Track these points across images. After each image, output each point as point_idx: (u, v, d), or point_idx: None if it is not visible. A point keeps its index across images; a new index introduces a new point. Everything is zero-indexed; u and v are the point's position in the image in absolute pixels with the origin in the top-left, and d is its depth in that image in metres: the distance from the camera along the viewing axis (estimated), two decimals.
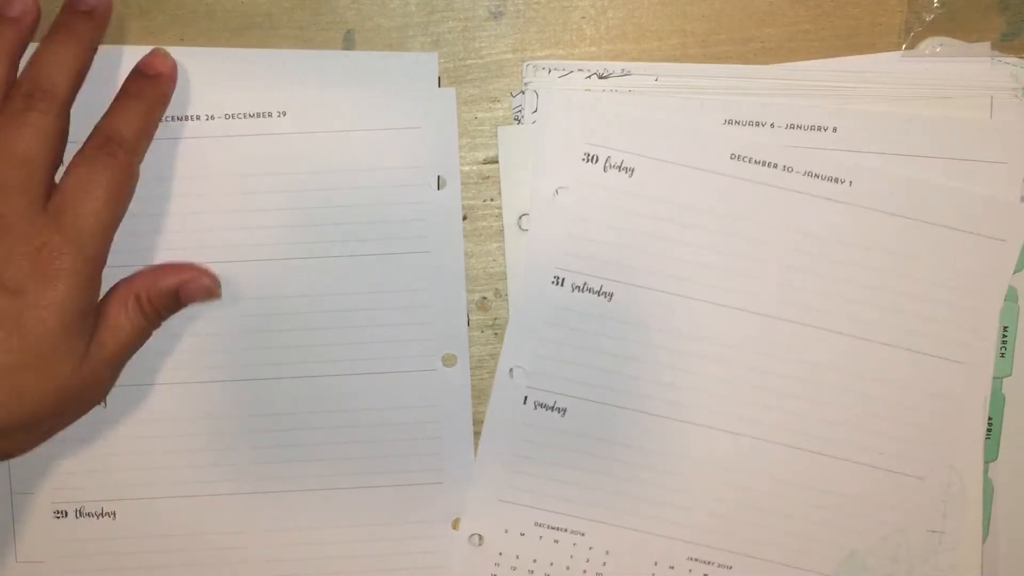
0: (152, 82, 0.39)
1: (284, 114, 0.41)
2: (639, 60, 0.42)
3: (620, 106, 0.41)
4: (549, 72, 0.41)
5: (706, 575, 0.43)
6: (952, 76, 0.41)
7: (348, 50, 0.41)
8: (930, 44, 0.41)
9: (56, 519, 0.42)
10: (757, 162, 0.41)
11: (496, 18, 0.42)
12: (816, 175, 0.41)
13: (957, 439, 0.42)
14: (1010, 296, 0.42)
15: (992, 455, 0.43)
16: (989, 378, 0.42)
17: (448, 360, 0.42)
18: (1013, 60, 0.41)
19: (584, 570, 0.43)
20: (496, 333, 0.42)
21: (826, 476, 0.42)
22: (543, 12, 0.42)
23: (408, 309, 0.42)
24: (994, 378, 0.42)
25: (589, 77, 0.41)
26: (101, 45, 0.39)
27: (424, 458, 0.42)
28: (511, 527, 0.43)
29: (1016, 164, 0.41)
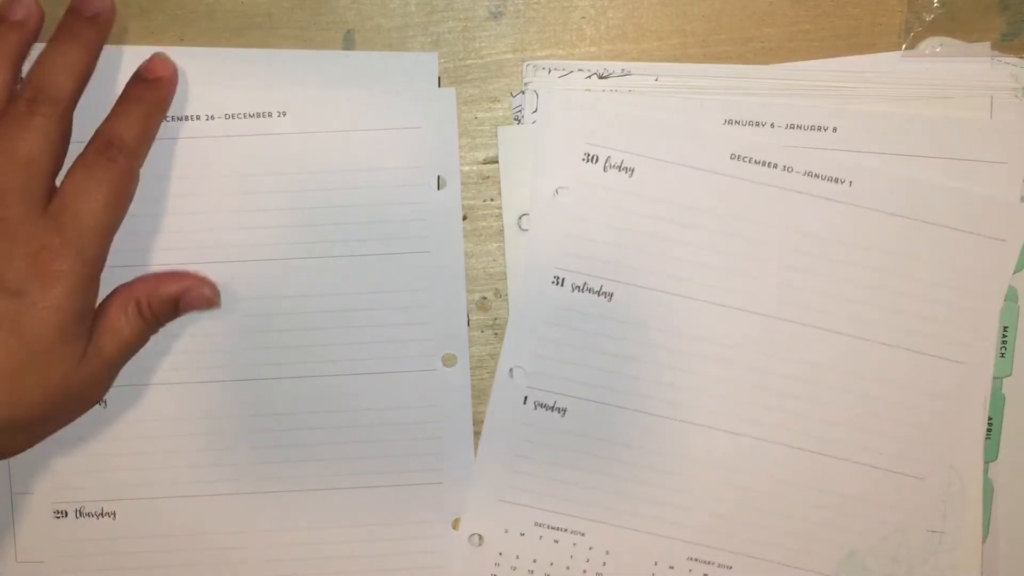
0: (152, 86, 0.39)
1: (284, 114, 0.41)
2: (639, 60, 0.42)
3: (620, 106, 0.41)
4: (549, 72, 0.41)
5: (706, 575, 0.43)
6: (952, 76, 0.41)
7: (348, 50, 0.41)
8: (930, 44, 0.41)
9: (56, 519, 0.42)
10: (757, 162, 0.41)
11: (496, 18, 0.42)
12: (816, 175, 0.41)
13: (957, 439, 0.42)
14: (1010, 296, 0.42)
15: (992, 455, 0.43)
16: (989, 378, 0.42)
17: (448, 360, 0.42)
18: (1013, 60, 0.41)
19: (584, 570, 0.43)
20: (496, 333, 0.42)
21: (826, 476, 0.42)
22: (543, 12, 0.42)
23: (408, 309, 0.42)
24: (994, 378, 0.42)
25: (589, 77, 0.41)
26: None
27: (424, 458, 0.42)
28: (511, 527, 0.43)
29: (1016, 164, 0.41)
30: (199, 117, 0.41)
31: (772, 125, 0.41)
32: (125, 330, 0.39)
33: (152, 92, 0.39)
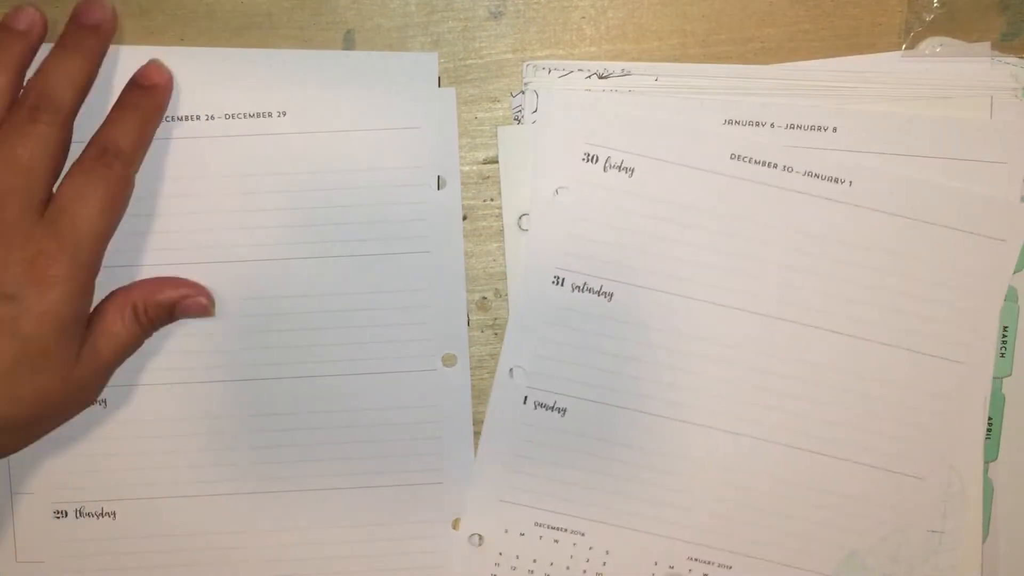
0: (148, 93, 0.39)
1: (284, 114, 0.41)
2: (639, 60, 0.42)
3: (620, 106, 0.41)
4: (549, 72, 0.41)
5: (706, 575, 0.43)
6: (952, 76, 0.41)
7: (348, 50, 0.41)
8: (930, 44, 0.41)
9: (56, 519, 0.42)
10: (757, 162, 0.41)
11: (496, 18, 0.42)
12: (816, 175, 0.41)
13: (957, 439, 0.42)
14: (1010, 296, 0.42)
15: (992, 455, 0.43)
16: (989, 378, 0.42)
17: (448, 360, 0.42)
18: (1013, 60, 0.41)
19: (584, 570, 0.43)
20: (496, 333, 0.42)
21: (826, 476, 0.42)
22: (543, 12, 0.42)
23: (408, 309, 0.42)
24: (994, 378, 0.42)
25: (589, 77, 0.41)
26: None
27: (424, 458, 0.42)
28: (511, 527, 0.43)
29: (1016, 164, 0.41)
30: (199, 117, 0.41)
31: (772, 125, 0.41)
32: (121, 333, 0.39)
33: (148, 99, 0.39)
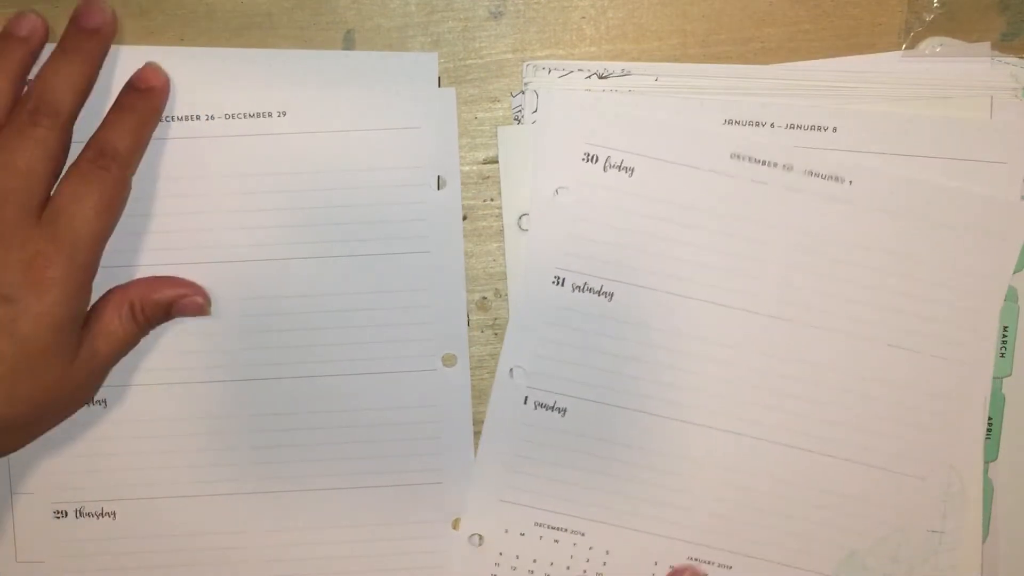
0: (144, 96, 0.39)
1: (284, 114, 0.41)
2: (639, 60, 0.42)
3: (620, 106, 0.41)
4: (549, 72, 0.41)
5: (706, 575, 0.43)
6: (952, 76, 0.41)
7: (348, 50, 0.41)
8: (930, 44, 0.41)
9: (56, 519, 0.42)
10: (757, 161, 0.41)
11: (496, 18, 0.42)
12: (816, 174, 0.41)
13: (957, 439, 0.42)
14: (1010, 296, 0.42)
15: (992, 455, 0.43)
16: (989, 378, 0.42)
17: (448, 360, 0.42)
18: (1013, 60, 0.41)
19: (584, 570, 0.43)
20: (496, 333, 0.42)
21: (826, 476, 0.42)
22: (543, 12, 0.42)
23: (408, 309, 0.42)
24: (994, 378, 0.42)
25: (589, 77, 0.41)
26: None
27: (424, 458, 0.42)
28: (511, 527, 0.43)
29: (1016, 164, 0.41)
30: (199, 117, 0.41)
31: (772, 125, 0.41)
32: (118, 332, 0.40)
33: (144, 101, 0.39)
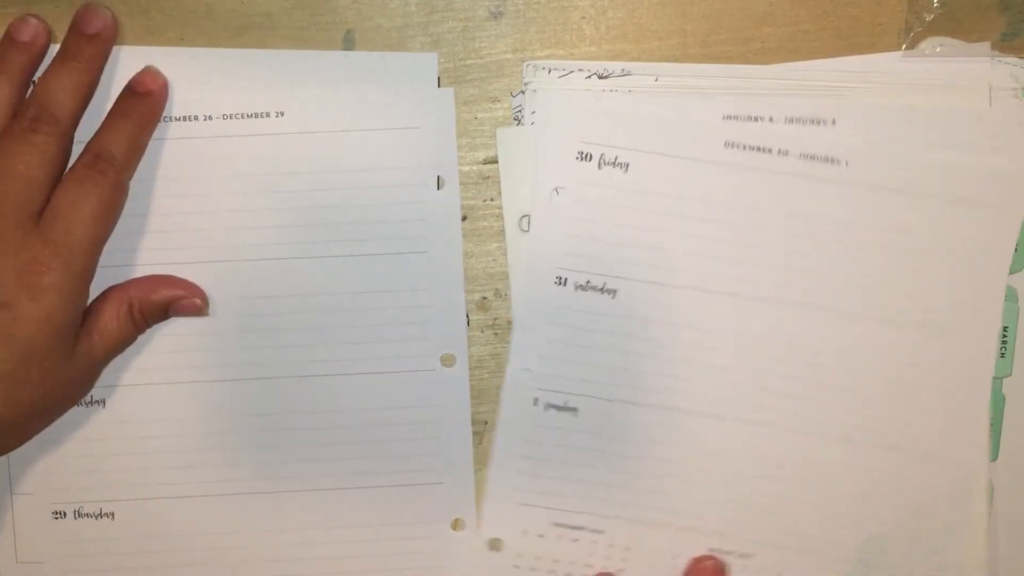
0: (142, 100, 0.39)
1: (281, 114, 0.41)
2: (639, 60, 0.41)
3: (612, 102, 0.41)
4: (549, 72, 0.41)
5: (728, 564, 0.43)
6: (952, 76, 0.41)
7: (348, 50, 0.41)
8: (930, 44, 0.41)
9: (55, 519, 0.42)
10: (752, 148, 0.41)
11: (496, 18, 0.42)
12: (813, 157, 0.41)
13: (963, 418, 0.42)
14: (1010, 296, 0.42)
15: (992, 455, 0.43)
16: (993, 355, 0.42)
17: (447, 360, 0.42)
18: (1013, 60, 0.41)
19: (604, 567, 0.43)
20: (496, 333, 0.42)
21: (842, 461, 0.42)
22: (543, 12, 0.41)
23: (407, 309, 0.42)
24: (994, 378, 0.42)
25: (589, 77, 0.41)
26: None
27: (423, 458, 0.42)
28: (529, 529, 0.43)
29: (1016, 148, 0.41)
30: (197, 118, 0.41)
31: (771, 119, 0.41)
32: (115, 331, 0.40)
33: (142, 105, 0.39)
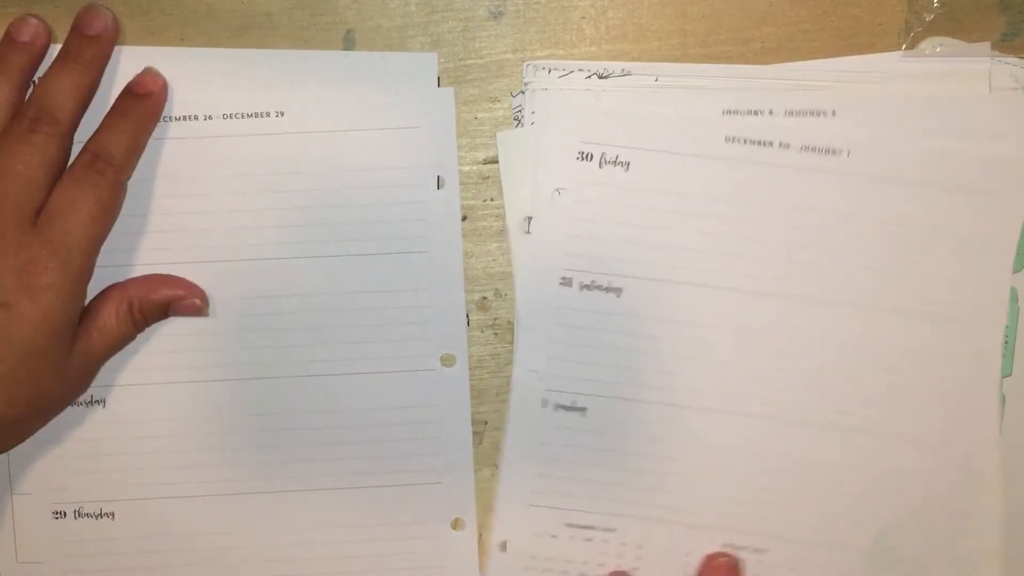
0: (142, 101, 0.40)
1: (281, 114, 0.41)
2: (639, 60, 0.41)
3: (612, 101, 0.41)
4: (549, 72, 0.41)
5: (742, 560, 0.43)
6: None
7: (348, 50, 0.41)
8: (930, 44, 0.41)
9: (55, 519, 0.42)
10: (753, 142, 0.41)
11: (496, 18, 0.42)
12: (814, 149, 0.40)
13: (974, 407, 0.42)
14: (1010, 296, 0.42)
15: None
16: (1000, 342, 0.41)
17: (447, 360, 0.42)
18: (1013, 60, 0.41)
19: (618, 566, 0.43)
20: (496, 333, 0.42)
21: (853, 452, 0.42)
22: (543, 12, 0.41)
23: (407, 309, 0.42)
24: None
25: (589, 77, 0.41)
26: None
27: (423, 458, 0.42)
28: (541, 531, 0.42)
29: (1017, 132, 0.41)
30: (197, 117, 0.41)
31: (771, 112, 0.41)
32: (115, 330, 0.40)
33: (142, 106, 0.40)
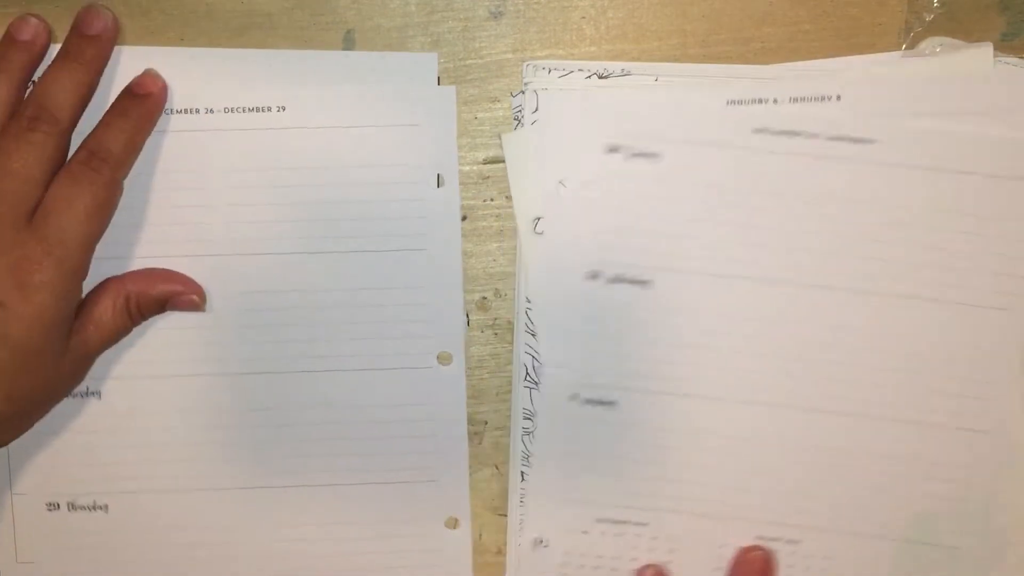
0: (141, 102, 0.40)
1: (284, 109, 0.41)
2: (639, 60, 0.42)
3: (634, 95, 0.41)
4: (549, 72, 0.41)
5: (775, 551, 0.42)
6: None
7: (348, 50, 0.41)
8: (930, 44, 0.41)
9: (48, 512, 0.42)
10: (780, 132, 0.40)
11: (496, 18, 0.42)
12: (842, 138, 0.40)
13: (1000, 391, 0.41)
14: None
15: None
16: None
17: (444, 358, 0.42)
18: (1013, 60, 0.41)
19: (651, 560, 0.42)
20: (496, 333, 0.42)
21: (884, 440, 0.41)
22: (543, 12, 0.42)
23: (405, 306, 0.41)
24: None
25: (589, 77, 0.41)
26: None
27: (418, 456, 0.42)
28: (573, 526, 0.42)
29: None
30: (198, 110, 0.41)
31: (775, 101, 0.41)
32: (111, 323, 0.40)
33: (141, 107, 0.40)
